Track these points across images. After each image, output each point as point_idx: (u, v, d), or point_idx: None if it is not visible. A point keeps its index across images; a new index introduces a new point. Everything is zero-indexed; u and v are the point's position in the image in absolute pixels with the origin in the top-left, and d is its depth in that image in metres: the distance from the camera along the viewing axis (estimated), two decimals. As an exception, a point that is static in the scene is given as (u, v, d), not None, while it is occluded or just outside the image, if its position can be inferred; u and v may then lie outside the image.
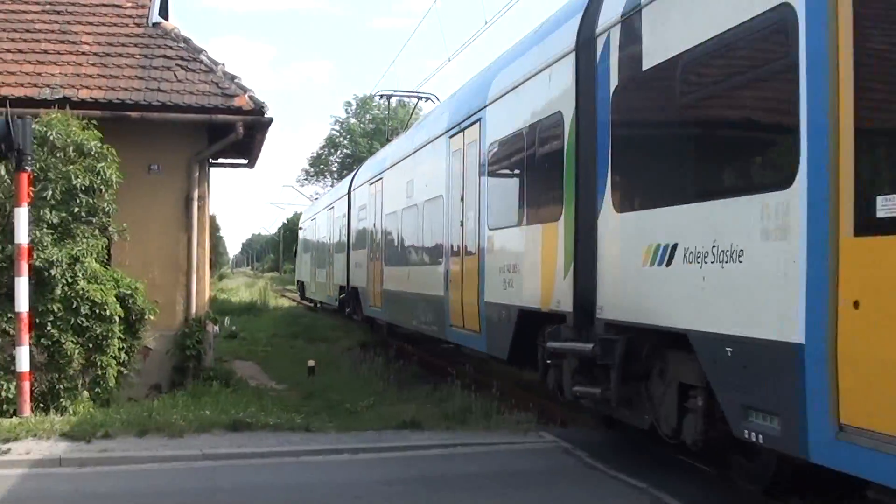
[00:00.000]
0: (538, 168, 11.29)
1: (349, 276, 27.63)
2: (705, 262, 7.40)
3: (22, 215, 12.20)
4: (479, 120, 13.35)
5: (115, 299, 13.40)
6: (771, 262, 6.55)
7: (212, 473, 9.94)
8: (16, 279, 12.18)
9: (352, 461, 10.57)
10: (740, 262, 6.94)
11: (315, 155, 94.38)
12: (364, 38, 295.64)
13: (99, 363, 13.19)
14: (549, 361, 10.90)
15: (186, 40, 17.23)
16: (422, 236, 17.31)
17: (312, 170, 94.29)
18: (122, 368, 13.76)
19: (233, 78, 16.37)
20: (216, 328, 18.60)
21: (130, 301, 13.87)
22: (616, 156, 9.16)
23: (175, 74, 16.25)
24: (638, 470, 9.77)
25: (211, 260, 19.52)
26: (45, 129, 13.21)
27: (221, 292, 53.03)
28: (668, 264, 7.98)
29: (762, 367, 6.72)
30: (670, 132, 8.34)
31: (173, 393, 14.47)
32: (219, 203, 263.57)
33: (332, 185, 67.61)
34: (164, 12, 20.12)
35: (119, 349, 13.54)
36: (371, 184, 23.37)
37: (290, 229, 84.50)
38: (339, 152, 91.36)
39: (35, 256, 12.64)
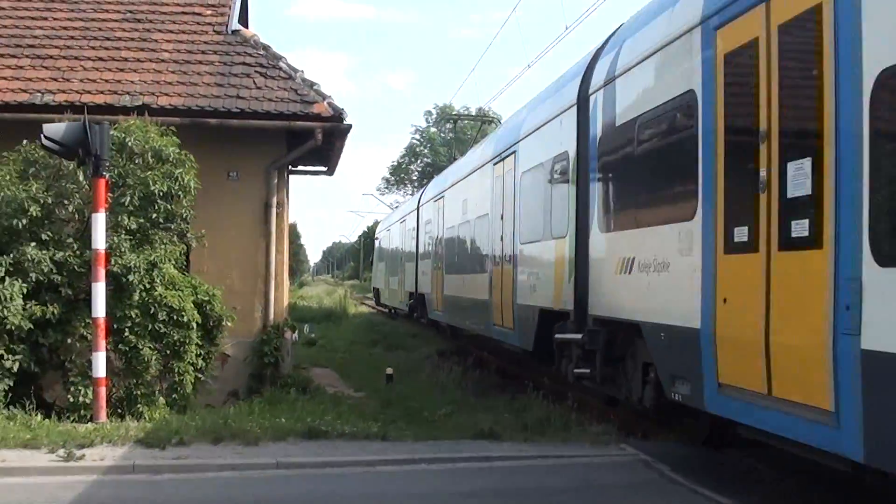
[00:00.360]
0: (553, 193, 13.71)
1: (417, 283, 30.50)
2: (650, 271, 9.97)
3: (99, 221, 12.21)
4: (515, 152, 16.04)
5: (192, 305, 13.37)
6: (683, 271, 9.14)
7: (286, 482, 9.77)
8: (92, 285, 12.20)
9: (428, 472, 10.30)
10: (668, 271, 9.55)
11: (395, 164, 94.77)
12: (443, 48, 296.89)
13: (176, 369, 13.17)
14: (563, 353, 13.16)
15: (266, 47, 17.25)
16: (473, 248, 20.08)
17: (393, 178, 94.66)
18: (200, 375, 13.74)
19: (311, 85, 16.32)
20: (294, 335, 18.55)
21: (208, 307, 13.85)
22: (600, 188, 11.84)
23: (254, 81, 16.27)
24: (722, 484, 9.42)
25: (291, 267, 19.55)
26: (123, 135, 13.26)
27: (301, 299, 53.46)
28: (630, 272, 10.54)
29: (679, 346, 9.29)
30: (629, 174, 10.91)
31: (250, 400, 14.37)
32: (300, 211, 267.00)
33: (412, 194, 67.75)
34: (243, 20, 20.23)
35: (196, 356, 13.50)
36: (435, 201, 26.41)
37: (370, 237, 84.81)
38: (419, 161, 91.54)
39: (113, 262, 12.67)
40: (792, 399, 7.24)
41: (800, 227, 7.15)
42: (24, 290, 12.26)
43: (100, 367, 12.09)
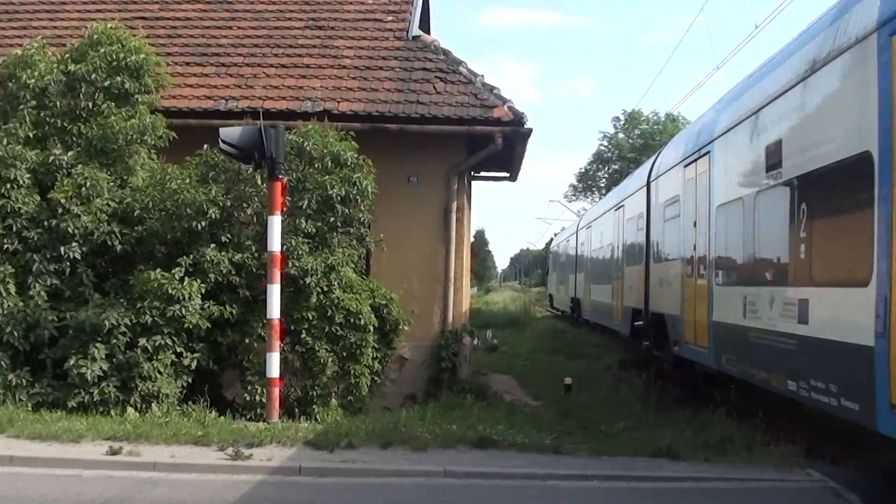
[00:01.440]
0: (638, 236, 20.75)
1: (575, 290, 39.72)
2: (667, 286, 16.92)
3: (275, 223, 12.38)
4: (623, 206, 23.83)
5: (369, 309, 13.41)
6: (676, 285, 16.07)
7: (452, 492, 9.58)
8: (268, 286, 12.38)
9: (600, 490, 9.83)
10: (671, 285, 16.46)
11: (583, 170, 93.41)
12: (632, 52, 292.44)
13: (352, 372, 13.27)
14: (641, 334, 19.78)
15: (446, 52, 17.15)
16: (605, 266, 28.24)
17: (580, 185, 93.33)
18: (376, 377, 13.76)
19: (492, 89, 16.10)
20: (475, 341, 18.39)
21: (385, 311, 13.88)
22: (653, 236, 18.90)
23: (434, 87, 16.19)
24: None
25: (475, 273, 19.60)
26: (301, 139, 13.44)
27: (486, 305, 53.44)
28: (661, 286, 17.52)
29: (676, 325, 15.94)
30: (661, 230, 18.01)
31: (426, 404, 14.31)
32: (489, 218, 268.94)
33: (598, 200, 66.79)
34: (424, 26, 20.25)
35: (373, 358, 13.56)
36: (587, 228, 35.90)
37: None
38: (607, 168, 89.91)
39: (290, 265, 12.84)
40: (699, 345, 14.13)
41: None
42: (203, 290, 12.60)
43: (273, 368, 12.26)
